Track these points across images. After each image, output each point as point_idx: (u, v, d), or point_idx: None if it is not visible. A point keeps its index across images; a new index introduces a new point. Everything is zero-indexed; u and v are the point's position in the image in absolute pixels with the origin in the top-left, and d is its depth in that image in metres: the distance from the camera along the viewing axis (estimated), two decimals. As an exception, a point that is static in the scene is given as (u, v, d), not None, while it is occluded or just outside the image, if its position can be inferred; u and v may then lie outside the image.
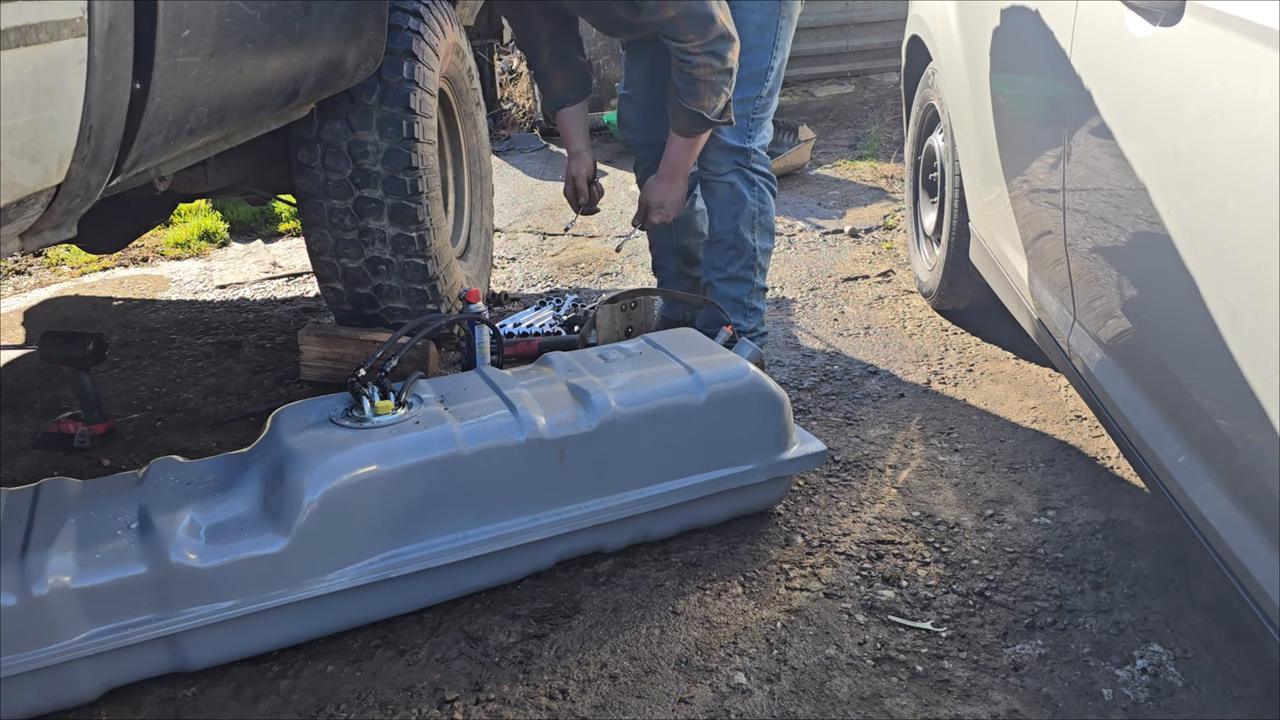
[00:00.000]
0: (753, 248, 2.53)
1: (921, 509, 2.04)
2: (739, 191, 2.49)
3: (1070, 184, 1.86)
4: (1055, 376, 2.59)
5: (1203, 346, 1.40)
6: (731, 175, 2.48)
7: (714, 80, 2.24)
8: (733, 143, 2.46)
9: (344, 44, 2.22)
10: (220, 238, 4.28)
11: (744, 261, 2.53)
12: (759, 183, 2.51)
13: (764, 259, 2.58)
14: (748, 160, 2.49)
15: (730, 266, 2.54)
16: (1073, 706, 1.51)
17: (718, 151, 2.47)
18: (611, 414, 1.80)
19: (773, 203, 2.56)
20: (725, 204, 2.50)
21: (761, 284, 2.60)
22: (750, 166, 2.49)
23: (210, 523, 1.59)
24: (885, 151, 5.09)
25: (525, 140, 5.98)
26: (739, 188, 2.48)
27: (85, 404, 2.45)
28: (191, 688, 1.61)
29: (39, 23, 1.13)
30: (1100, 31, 1.71)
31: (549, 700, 1.56)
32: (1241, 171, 1.28)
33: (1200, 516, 1.43)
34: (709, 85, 2.24)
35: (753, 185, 2.50)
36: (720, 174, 2.48)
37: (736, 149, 2.47)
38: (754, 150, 2.49)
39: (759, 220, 2.53)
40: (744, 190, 2.49)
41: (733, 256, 2.53)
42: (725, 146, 2.46)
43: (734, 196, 2.49)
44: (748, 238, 2.52)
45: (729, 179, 2.48)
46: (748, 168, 2.49)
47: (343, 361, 2.64)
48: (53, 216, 1.35)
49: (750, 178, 2.50)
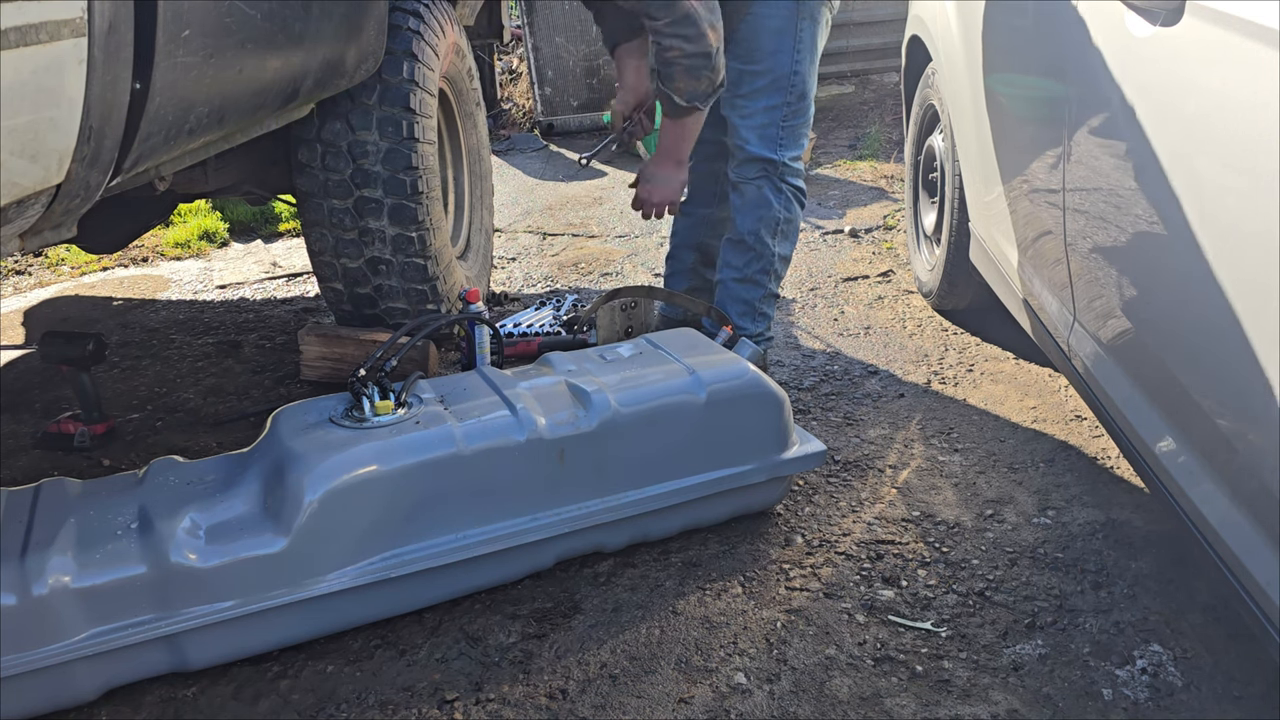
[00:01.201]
0: (772, 253, 2.50)
1: (921, 509, 2.04)
2: (765, 196, 2.45)
3: (1070, 184, 1.86)
4: (1055, 376, 2.59)
5: (1203, 346, 1.40)
6: (759, 182, 2.45)
7: (686, 64, 2.17)
8: (761, 153, 2.42)
9: (344, 44, 2.22)
10: (220, 238, 4.28)
11: (761, 265, 2.50)
12: (787, 191, 2.48)
13: (781, 267, 2.55)
14: (776, 171, 2.44)
15: (747, 268, 2.51)
16: (1073, 706, 1.51)
17: (746, 162, 2.44)
18: (611, 414, 1.80)
19: (799, 212, 2.52)
20: (750, 206, 2.47)
21: (774, 290, 2.56)
22: (780, 177, 2.46)
23: (210, 523, 1.59)
24: (885, 151, 5.09)
25: (525, 140, 5.98)
26: (765, 192, 2.45)
27: (85, 404, 2.46)
28: (191, 688, 1.61)
29: (39, 23, 1.13)
30: (1100, 31, 1.71)
31: (549, 700, 1.56)
32: (1241, 171, 1.28)
33: (1200, 516, 1.43)
34: (682, 68, 2.18)
35: (780, 193, 2.46)
36: (748, 178, 2.46)
37: (764, 160, 2.43)
38: (783, 163, 2.44)
39: (782, 227, 2.49)
40: (770, 195, 2.45)
41: (751, 258, 2.50)
42: (753, 157, 2.42)
43: (760, 200, 2.46)
44: (768, 242, 2.49)
45: (757, 183, 2.45)
46: (776, 177, 2.45)
47: (343, 361, 2.64)
48: (53, 216, 1.35)
49: (778, 185, 2.46)
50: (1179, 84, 1.45)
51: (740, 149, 2.43)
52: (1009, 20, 2.24)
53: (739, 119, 2.42)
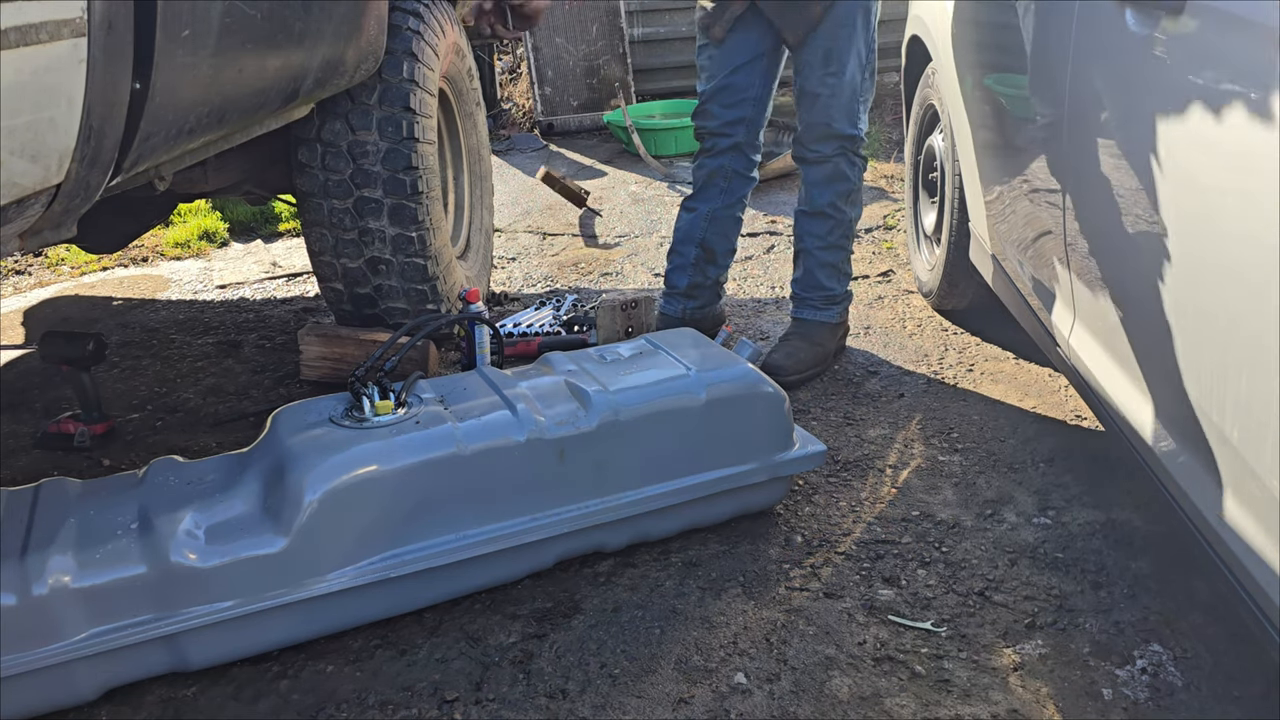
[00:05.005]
0: (849, 219, 2.69)
1: (921, 509, 2.04)
2: (842, 170, 2.61)
3: (1070, 184, 1.86)
4: (1055, 376, 2.59)
5: (1203, 346, 1.40)
6: (837, 158, 2.60)
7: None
8: (845, 130, 2.56)
9: (344, 44, 2.22)
10: (220, 238, 4.28)
11: (842, 231, 2.69)
12: (859, 163, 2.64)
13: (854, 228, 2.73)
14: (855, 145, 2.60)
15: (829, 235, 2.68)
16: (1073, 706, 1.51)
17: (827, 139, 2.57)
18: (611, 414, 1.80)
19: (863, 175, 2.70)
20: (828, 180, 2.62)
21: (851, 250, 2.75)
22: (855, 150, 2.61)
23: (210, 523, 1.59)
24: (885, 151, 5.09)
25: (525, 140, 5.98)
26: (842, 167, 2.61)
27: (85, 404, 2.45)
28: (191, 688, 1.61)
29: (39, 23, 1.13)
30: (1100, 31, 1.71)
31: (549, 700, 1.56)
32: (1241, 171, 1.28)
33: (1200, 516, 1.43)
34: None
35: (854, 165, 2.63)
36: (827, 156, 2.59)
37: (847, 136, 2.57)
38: (860, 136, 2.60)
39: (854, 195, 2.67)
40: (846, 169, 2.61)
41: (832, 226, 2.67)
42: (836, 134, 2.56)
43: (837, 174, 2.61)
44: (845, 210, 2.66)
45: (835, 161, 2.60)
46: (853, 151, 2.61)
47: (343, 361, 2.64)
48: (53, 216, 1.35)
49: (853, 159, 2.62)
50: (1179, 83, 1.45)
51: (825, 126, 2.56)
52: (1008, 20, 2.24)
53: (829, 96, 2.54)
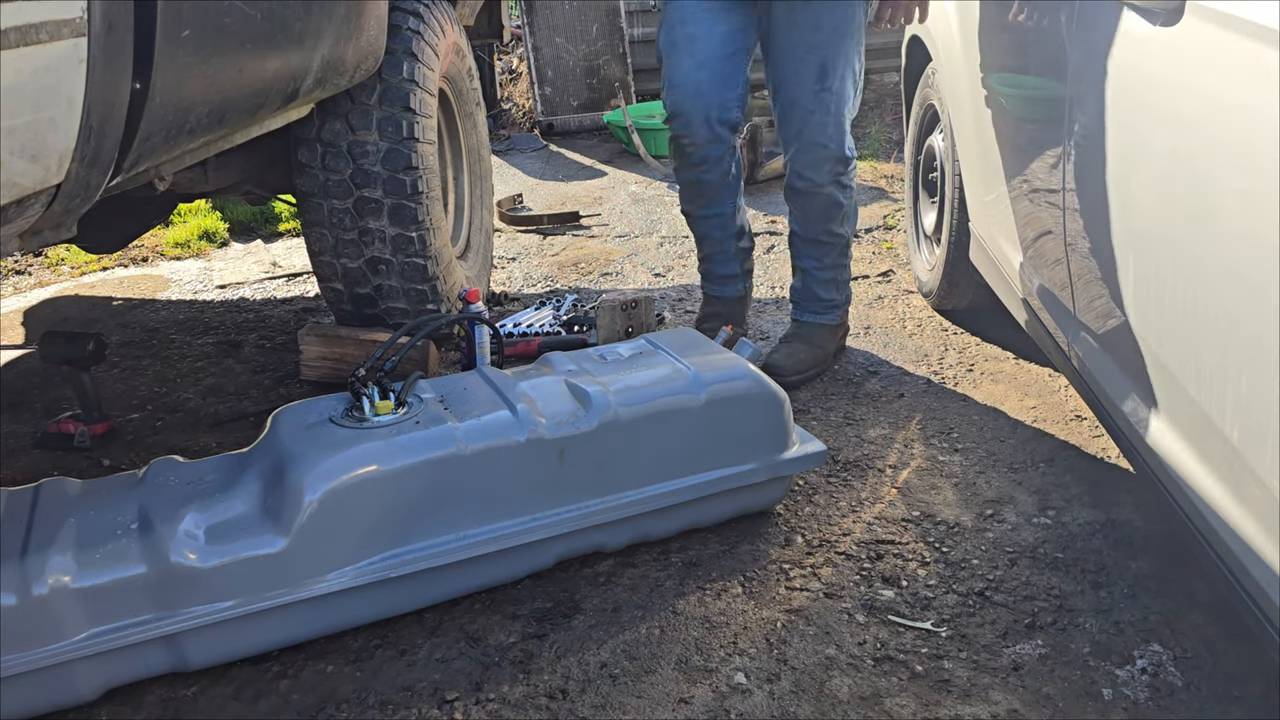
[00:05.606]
0: (845, 239, 2.67)
1: (921, 509, 2.04)
2: (834, 198, 2.57)
3: (1070, 184, 1.86)
4: (1055, 376, 2.59)
5: (1203, 346, 1.40)
6: (830, 187, 2.55)
7: None
8: (840, 151, 2.51)
9: (344, 44, 2.22)
10: (220, 238, 4.28)
11: (838, 250, 2.68)
12: (850, 185, 2.60)
13: (850, 242, 2.72)
14: (847, 168, 2.56)
15: (826, 258, 2.67)
16: (1073, 706, 1.51)
17: (824, 163, 2.51)
18: (611, 414, 1.80)
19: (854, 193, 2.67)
20: (821, 209, 2.59)
21: (849, 262, 2.74)
22: (846, 173, 2.57)
23: (210, 523, 1.58)
24: (885, 151, 5.09)
25: (525, 140, 5.98)
26: (835, 196, 2.57)
27: (85, 404, 2.45)
28: (191, 688, 1.61)
29: (39, 23, 1.13)
30: (1100, 31, 1.71)
31: (549, 700, 1.56)
32: (1241, 171, 1.28)
33: (1200, 516, 1.43)
34: None
35: (845, 189, 2.59)
36: (820, 185, 2.54)
37: (841, 158, 2.52)
38: (852, 157, 2.57)
39: (846, 213, 2.64)
40: (838, 196, 2.57)
41: (827, 249, 2.66)
42: (833, 156, 2.50)
43: (830, 203, 2.58)
44: (840, 232, 2.64)
45: (827, 190, 2.55)
46: (844, 175, 2.56)
47: (343, 361, 2.64)
48: (53, 216, 1.35)
49: (844, 184, 2.58)
50: (1179, 84, 1.45)
51: (823, 148, 2.49)
52: (1009, 20, 2.23)
53: (824, 114, 2.46)
